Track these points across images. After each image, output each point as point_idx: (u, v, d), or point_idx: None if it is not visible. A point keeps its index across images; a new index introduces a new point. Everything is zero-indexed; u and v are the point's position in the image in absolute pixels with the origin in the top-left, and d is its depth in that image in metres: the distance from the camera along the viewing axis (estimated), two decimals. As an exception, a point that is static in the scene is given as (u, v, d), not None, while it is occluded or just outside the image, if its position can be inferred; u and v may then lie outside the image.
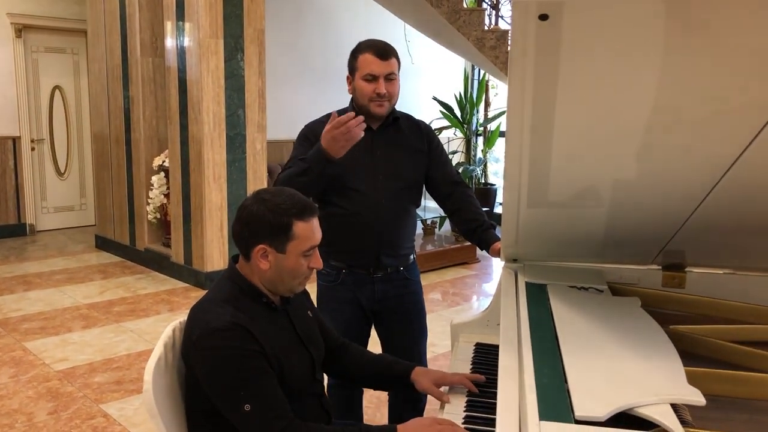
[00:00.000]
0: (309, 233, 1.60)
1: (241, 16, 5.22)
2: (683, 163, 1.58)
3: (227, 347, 1.50)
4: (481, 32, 5.86)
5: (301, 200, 1.62)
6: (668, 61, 1.29)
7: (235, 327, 1.51)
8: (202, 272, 5.33)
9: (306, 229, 1.60)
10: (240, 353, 1.50)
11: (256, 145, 5.44)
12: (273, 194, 1.62)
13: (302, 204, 1.61)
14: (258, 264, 1.61)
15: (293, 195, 1.63)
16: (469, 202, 2.35)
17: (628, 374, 1.35)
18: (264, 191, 1.65)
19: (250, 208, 1.60)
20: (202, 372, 1.54)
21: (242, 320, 1.53)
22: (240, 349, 1.50)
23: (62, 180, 7.56)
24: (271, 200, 1.60)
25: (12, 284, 5.43)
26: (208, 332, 1.52)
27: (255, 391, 1.50)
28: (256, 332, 1.53)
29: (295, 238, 1.58)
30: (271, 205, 1.59)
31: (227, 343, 1.50)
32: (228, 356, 1.50)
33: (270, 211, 1.58)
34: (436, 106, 7.83)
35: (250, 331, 1.52)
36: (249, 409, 1.48)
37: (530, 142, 1.55)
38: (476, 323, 2.15)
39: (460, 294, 5.45)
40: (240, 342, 1.51)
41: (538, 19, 1.04)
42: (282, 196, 1.61)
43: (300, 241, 1.59)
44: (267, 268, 1.61)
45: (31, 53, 7.16)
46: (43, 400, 3.36)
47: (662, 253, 2.04)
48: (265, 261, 1.60)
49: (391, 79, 2.20)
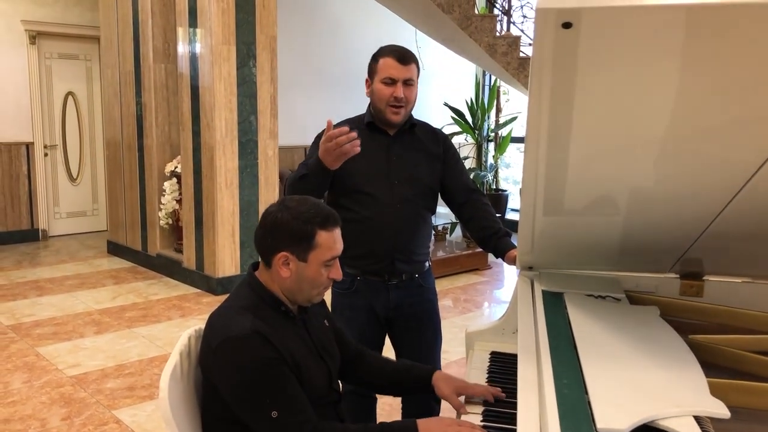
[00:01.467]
0: (331, 243, 1.60)
1: (253, 23, 5.23)
2: (703, 172, 1.57)
3: (248, 355, 1.50)
4: (492, 38, 5.86)
5: (324, 210, 1.62)
6: (689, 68, 1.28)
7: (256, 335, 1.51)
8: (213, 278, 5.34)
9: (328, 239, 1.59)
10: (262, 361, 1.50)
11: (268, 151, 5.45)
12: (298, 202, 1.62)
13: (326, 214, 1.61)
14: (279, 271, 1.60)
15: (318, 204, 1.64)
16: (484, 210, 2.35)
17: (650, 385, 1.33)
18: (290, 199, 1.65)
19: (275, 215, 1.61)
20: (223, 380, 1.54)
21: (262, 328, 1.53)
22: (261, 356, 1.50)
23: (75, 185, 7.60)
24: (296, 208, 1.60)
25: (25, 289, 5.46)
26: (229, 340, 1.52)
27: (280, 397, 1.49)
28: (275, 340, 1.53)
29: (317, 247, 1.58)
30: (295, 212, 1.59)
31: (248, 351, 1.50)
32: (250, 364, 1.50)
33: (294, 218, 1.58)
34: (447, 112, 7.83)
35: (269, 338, 1.52)
36: (276, 416, 1.47)
37: (547, 149, 1.54)
38: (492, 331, 2.13)
39: (471, 301, 5.43)
40: (261, 350, 1.50)
41: (560, 27, 1.03)
42: (306, 204, 1.62)
43: (322, 251, 1.59)
44: (288, 276, 1.60)
45: (45, 59, 7.21)
46: (56, 405, 3.37)
47: (680, 262, 2.02)
48: (286, 269, 1.60)
49: (410, 84, 2.21)
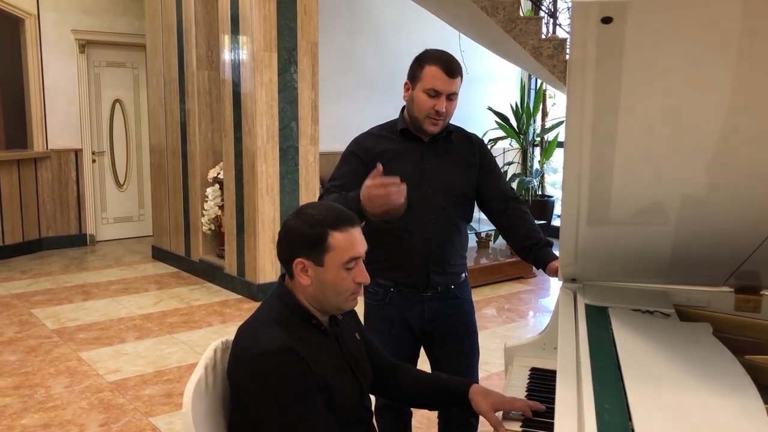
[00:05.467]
0: (346, 244, 1.54)
1: (294, 29, 5.22)
2: (762, 178, 1.45)
3: (278, 371, 1.45)
4: (538, 41, 5.72)
5: (337, 211, 1.58)
6: (744, 64, 1.17)
7: (286, 350, 1.46)
8: (254, 284, 5.33)
9: (343, 240, 1.53)
10: (291, 377, 1.45)
11: (309, 157, 5.42)
12: (311, 207, 1.60)
13: (337, 214, 1.56)
14: (299, 280, 1.56)
15: (330, 207, 1.60)
16: (523, 218, 2.23)
17: (700, 413, 1.22)
18: (304, 206, 1.62)
19: (288, 224, 1.58)
20: (251, 395, 1.49)
21: (292, 343, 1.48)
22: (291, 372, 1.45)
23: (121, 191, 7.72)
24: (307, 213, 1.57)
25: (71, 294, 5.54)
26: (258, 355, 1.47)
27: (307, 415, 1.45)
28: (306, 355, 1.48)
29: (331, 249, 1.53)
30: (306, 217, 1.56)
31: (278, 367, 1.45)
32: (279, 380, 1.45)
33: (305, 223, 1.55)
34: (491, 117, 7.70)
35: (300, 354, 1.47)
36: None
37: (590, 154, 1.45)
38: (531, 346, 2.03)
39: (515, 310, 5.30)
40: (290, 365, 1.45)
41: (600, 22, 0.94)
42: (319, 208, 1.59)
43: (337, 253, 1.53)
44: (308, 283, 1.55)
45: (94, 68, 7.35)
46: (95, 411, 3.38)
47: (735, 275, 1.89)
48: (305, 276, 1.55)
49: (452, 99, 2.10)
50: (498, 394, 1.67)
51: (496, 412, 1.62)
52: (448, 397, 1.74)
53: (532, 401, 1.63)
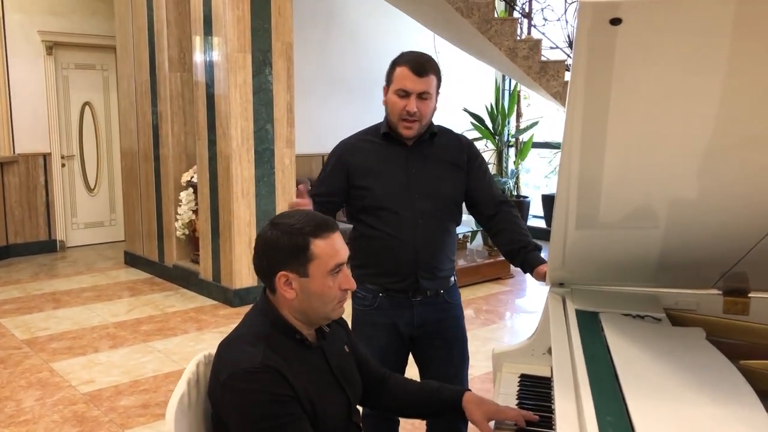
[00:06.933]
0: (330, 250, 1.48)
1: (269, 30, 5.15)
2: (755, 182, 1.43)
3: (258, 391, 1.39)
4: (513, 42, 5.72)
5: (316, 218, 1.52)
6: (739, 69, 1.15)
7: (267, 369, 1.40)
8: (230, 289, 5.24)
9: (326, 247, 1.48)
10: (271, 398, 1.39)
11: (285, 160, 5.35)
12: (287, 216, 1.53)
13: (317, 221, 1.50)
14: (283, 294, 1.49)
15: (308, 214, 1.54)
16: (513, 222, 2.20)
17: (703, 421, 1.19)
18: (278, 216, 1.55)
19: (264, 236, 1.51)
20: (231, 415, 1.43)
21: (274, 361, 1.42)
22: (271, 393, 1.39)
23: (92, 196, 7.56)
24: (284, 222, 1.50)
25: (41, 302, 5.40)
26: (238, 373, 1.41)
27: None
28: (289, 374, 1.42)
29: (315, 258, 1.47)
30: (284, 227, 1.49)
31: (258, 387, 1.39)
32: (258, 400, 1.39)
33: (284, 233, 1.48)
34: (466, 118, 7.69)
35: (282, 373, 1.41)
36: None
37: (580, 158, 1.42)
38: (520, 352, 2.00)
39: (494, 311, 5.28)
40: (271, 385, 1.39)
41: (608, 23, 0.90)
42: (295, 216, 1.52)
43: (322, 261, 1.47)
44: (293, 296, 1.49)
45: (62, 70, 7.19)
46: (69, 424, 3.27)
47: (724, 278, 1.87)
48: (290, 289, 1.49)
49: (425, 98, 2.06)
50: (492, 403, 1.63)
51: (489, 421, 1.58)
52: (440, 406, 1.70)
53: (525, 411, 1.60)
